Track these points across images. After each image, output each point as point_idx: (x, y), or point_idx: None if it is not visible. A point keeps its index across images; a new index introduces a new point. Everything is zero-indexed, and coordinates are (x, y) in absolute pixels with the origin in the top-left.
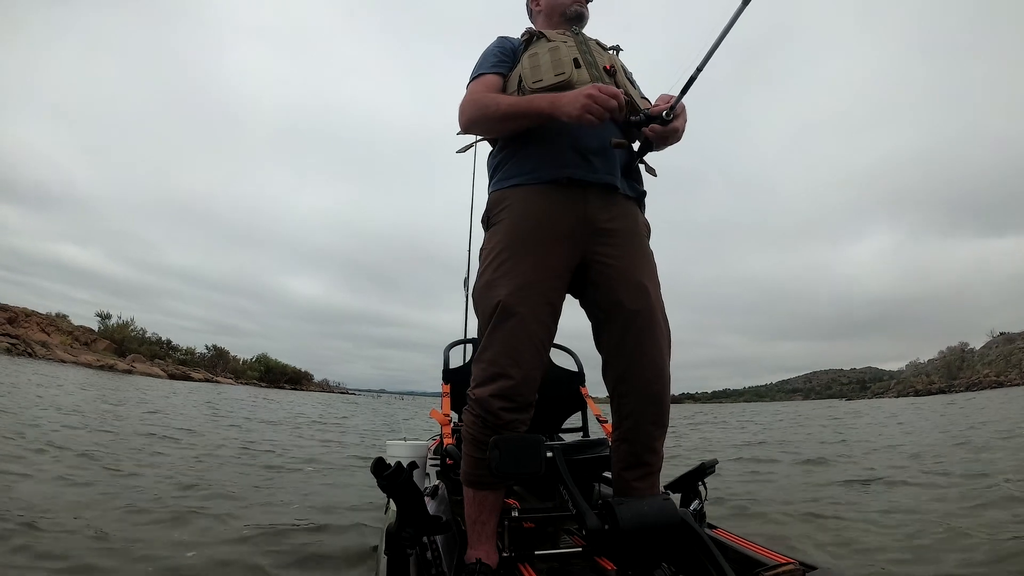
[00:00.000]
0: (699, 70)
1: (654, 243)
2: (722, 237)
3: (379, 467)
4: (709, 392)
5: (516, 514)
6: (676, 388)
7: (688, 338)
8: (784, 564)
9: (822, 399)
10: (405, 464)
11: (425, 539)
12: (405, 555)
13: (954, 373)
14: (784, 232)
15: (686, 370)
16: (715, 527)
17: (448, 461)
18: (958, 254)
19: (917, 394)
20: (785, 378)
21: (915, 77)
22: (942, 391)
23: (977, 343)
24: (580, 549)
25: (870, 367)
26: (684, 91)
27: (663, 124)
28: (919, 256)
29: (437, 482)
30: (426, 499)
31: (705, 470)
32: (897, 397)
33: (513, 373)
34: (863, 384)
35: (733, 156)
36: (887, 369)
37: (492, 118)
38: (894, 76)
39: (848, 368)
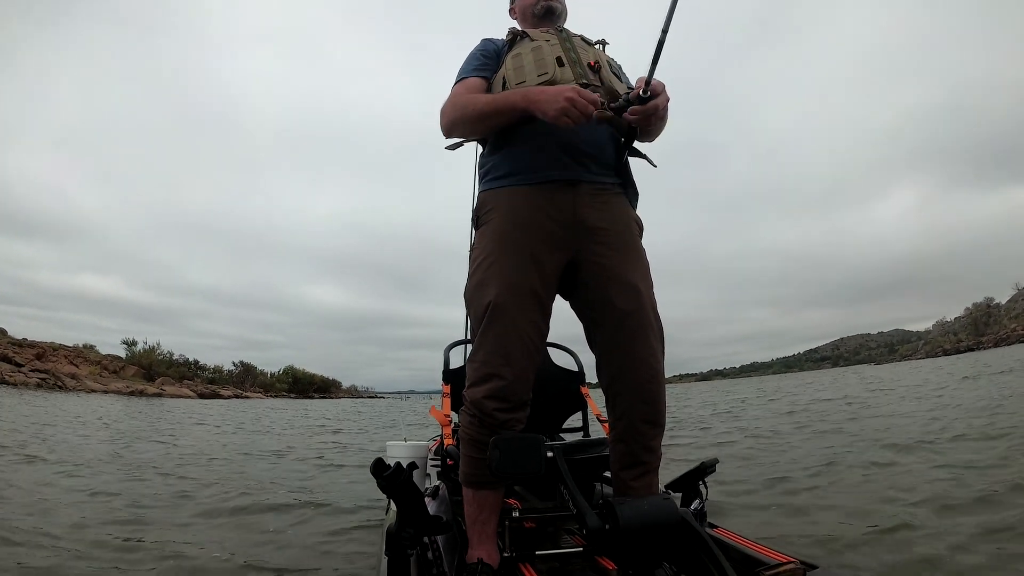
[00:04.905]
0: (664, 32)
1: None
2: (745, 208)
3: (379, 467)
4: (737, 367)
5: (517, 514)
6: (705, 366)
7: (715, 315)
8: (785, 564)
9: (851, 365)
10: (405, 465)
11: (426, 539)
12: (405, 555)
13: (981, 330)
14: (808, 198)
15: (714, 347)
16: (716, 526)
17: (449, 461)
18: (984, 205)
19: (946, 354)
20: (814, 347)
21: (934, 23)
22: (970, 349)
23: (1003, 297)
24: (581, 549)
25: (897, 329)
26: (655, 61)
27: (642, 103)
28: (945, 210)
29: (438, 482)
30: (427, 499)
31: (706, 469)
32: (926, 358)
33: (505, 373)
34: (891, 347)
35: (755, 123)
36: (914, 330)
37: (470, 118)
38: (915, 23)
39: (876, 332)
